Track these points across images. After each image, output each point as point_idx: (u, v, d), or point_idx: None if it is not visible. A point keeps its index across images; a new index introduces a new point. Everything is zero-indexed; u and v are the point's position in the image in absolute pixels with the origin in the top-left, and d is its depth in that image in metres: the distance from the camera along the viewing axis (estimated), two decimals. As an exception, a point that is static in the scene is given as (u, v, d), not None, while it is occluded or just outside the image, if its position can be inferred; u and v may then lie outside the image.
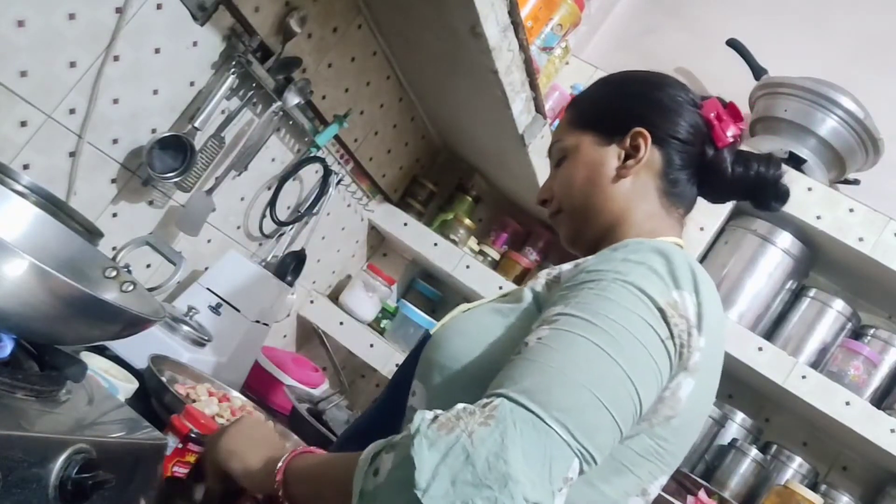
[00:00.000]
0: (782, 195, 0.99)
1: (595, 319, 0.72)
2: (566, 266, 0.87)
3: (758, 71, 2.11)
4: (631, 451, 0.78)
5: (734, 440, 1.91)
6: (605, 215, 0.97)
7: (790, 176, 1.89)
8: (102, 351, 1.23)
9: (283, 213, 1.76)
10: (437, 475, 0.61)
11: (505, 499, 0.60)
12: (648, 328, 0.73)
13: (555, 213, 1.03)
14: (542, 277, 0.88)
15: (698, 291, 0.78)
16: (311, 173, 1.79)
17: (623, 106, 1.00)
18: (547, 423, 0.65)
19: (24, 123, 1.13)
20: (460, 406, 0.67)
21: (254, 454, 0.84)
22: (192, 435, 1.04)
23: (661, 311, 0.74)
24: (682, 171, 0.97)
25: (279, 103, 1.47)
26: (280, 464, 0.80)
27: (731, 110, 0.99)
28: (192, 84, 1.35)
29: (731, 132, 0.97)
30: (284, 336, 2.08)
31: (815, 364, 1.88)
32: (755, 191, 0.99)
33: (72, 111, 1.18)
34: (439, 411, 0.67)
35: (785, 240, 1.94)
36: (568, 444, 0.65)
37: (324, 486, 0.77)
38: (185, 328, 1.41)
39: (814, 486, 1.82)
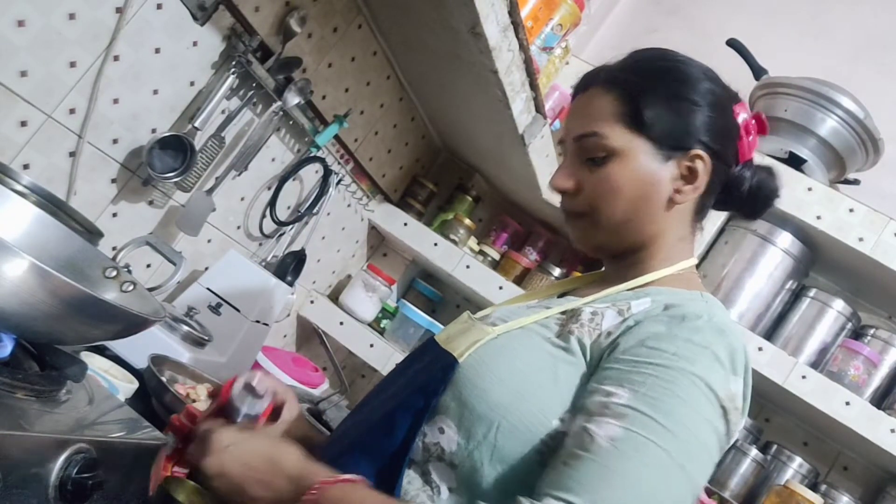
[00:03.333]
0: (769, 206, 0.98)
1: (669, 425, 0.71)
2: (608, 315, 0.82)
3: (758, 71, 2.10)
4: None
5: (734, 440, 1.91)
6: (640, 236, 0.91)
7: (791, 176, 1.90)
8: (102, 351, 1.23)
9: (283, 213, 1.75)
10: None
11: None
12: (714, 432, 0.74)
13: (579, 216, 0.93)
14: (586, 325, 0.82)
15: (746, 373, 0.79)
16: (311, 173, 1.79)
17: (689, 120, 0.89)
18: None
19: (24, 123, 1.13)
20: None
21: (275, 477, 0.79)
22: (192, 435, 1.04)
23: (723, 409, 0.75)
24: (715, 191, 0.93)
25: (279, 103, 1.47)
26: (314, 489, 0.75)
27: (759, 124, 0.94)
28: (192, 84, 1.35)
29: (754, 146, 0.94)
30: (284, 336, 2.08)
31: (815, 364, 1.88)
32: (758, 205, 0.96)
33: (72, 111, 1.18)
34: None
35: (785, 240, 1.94)
36: None
37: None
38: (185, 328, 1.41)
39: (814, 486, 1.82)
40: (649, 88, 0.89)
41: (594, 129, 0.89)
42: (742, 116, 0.92)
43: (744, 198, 0.94)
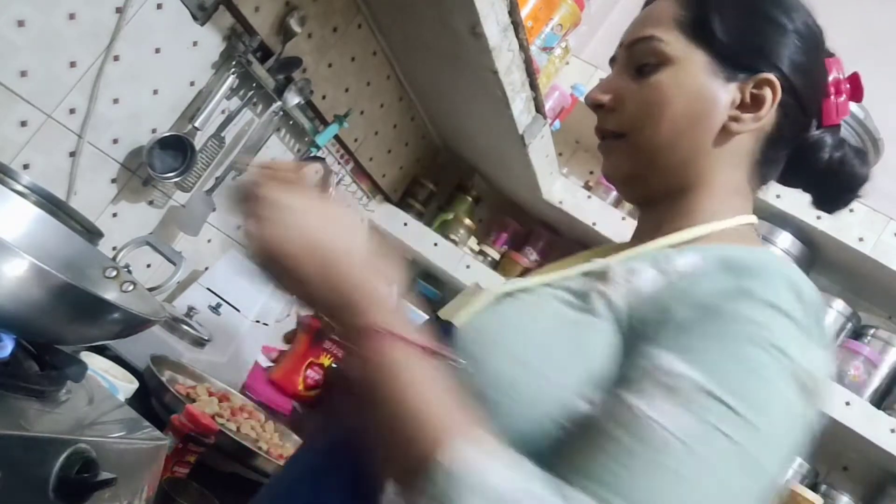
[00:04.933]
0: (852, 199, 0.81)
1: (750, 415, 0.55)
2: (643, 270, 0.64)
3: (758, 71, 2.10)
4: None
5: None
6: (685, 169, 0.74)
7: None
8: (102, 351, 1.23)
9: (283, 213, 1.75)
10: None
11: None
12: (797, 418, 0.59)
13: (615, 136, 0.77)
14: (622, 282, 0.64)
15: (824, 341, 0.62)
16: (311, 173, 1.78)
17: (766, 39, 0.74)
18: None
19: (24, 123, 1.13)
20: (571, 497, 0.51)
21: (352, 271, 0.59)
22: (192, 435, 1.04)
23: (804, 388, 0.59)
24: (786, 145, 0.76)
25: (279, 103, 1.47)
26: (380, 327, 0.57)
27: (854, 84, 0.78)
28: (192, 84, 1.35)
29: (844, 112, 0.77)
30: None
31: (815, 364, 1.88)
32: (836, 187, 0.80)
33: (72, 111, 1.18)
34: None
35: (785, 240, 1.94)
36: None
37: (387, 413, 0.56)
38: (185, 328, 1.41)
39: (814, 486, 1.82)
40: None
41: (650, 33, 0.75)
42: (834, 74, 0.78)
43: (821, 170, 0.78)
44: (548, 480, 0.53)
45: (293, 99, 1.49)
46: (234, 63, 1.36)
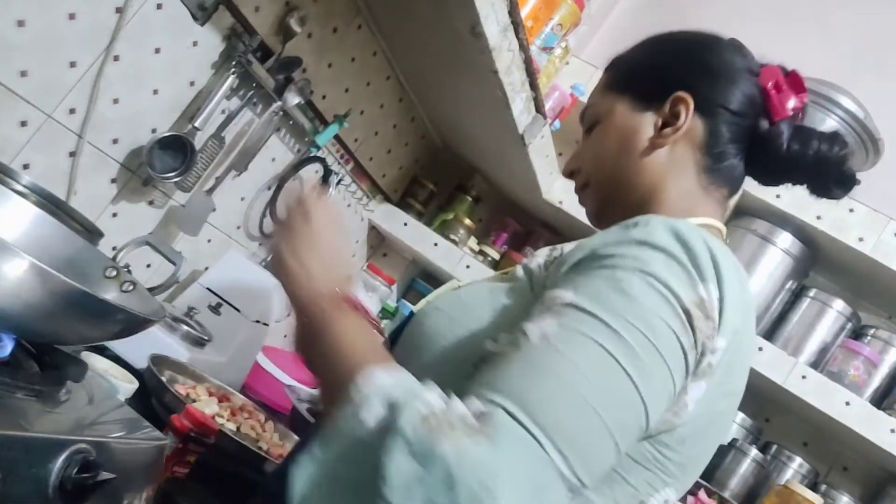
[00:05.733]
0: (847, 179, 0.86)
1: (614, 322, 0.62)
2: (569, 246, 0.75)
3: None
4: (627, 458, 0.69)
5: (734, 440, 1.91)
6: (636, 190, 0.86)
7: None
8: (102, 351, 1.23)
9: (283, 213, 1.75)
10: (410, 495, 0.54)
11: None
12: (672, 336, 0.64)
13: (583, 188, 0.93)
14: (541, 256, 0.78)
15: (720, 281, 0.68)
16: (311, 173, 1.79)
17: (665, 67, 0.89)
18: (547, 452, 0.57)
19: (24, 123, 1.13)
20: (456, 408, 0.59)
21: (316, 262, 0.79)
22: (192, 435, 1.04)
23: (686, 313, 0.65)
24: (729, 146, 0.85)
25: (279, 103, 1.47)
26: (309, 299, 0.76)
27: (793, 79, 0.87)
28: (192, 84, 1.35)
29: (791, 104, 0.85)
30: (284, 336, 2.08)
31: (815, 364, 1.88)
32: (813, 172, 0.86)
33: (72, 111, 1.18)
34: (430, 407, 0.59)
35: (785, 240, 1.94)
36: (565, 478, 0.58)
37: (322, 363, 0.73)
38: (185, 328, 1.41)
39: (814, 486, 1.82)
40: (635, 52, 0.94)
41: (589, 103, 0.94)
42: (771, 79, 0.87)
43: (785, 158, 0.85)
44: (435, 388, 0.63)
45: (293, 99, 1.49)
46: (234, 63, 1.36)
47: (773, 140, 0.85)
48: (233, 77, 1.36)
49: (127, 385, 1.13)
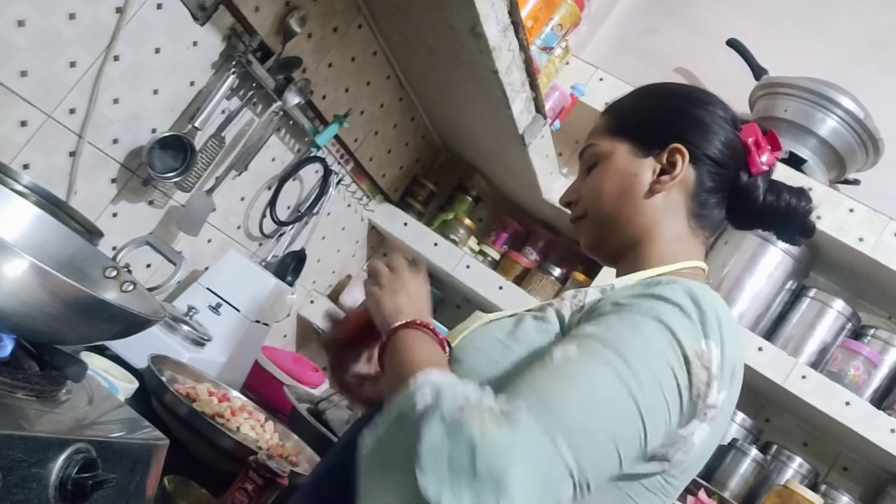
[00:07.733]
0: (808, 230, 0.99)
1: (625, 354, 0.73)
2: (592, 293, 0.87)
3: (758, 71, 2.10)
4: (641, 486, 0.80)
5: (734, 440, 1.91)
6: (632, 229, 0.96)
7: (791, 176, 1.90)
8: (102, 351, 1.23)
9: (283, 213, 1.75)
10: (437, 457, 0.65)
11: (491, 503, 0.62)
12: (671, 375, 0.75)
13: (578, 218, 1.02)
14: (567, 301, 0.88)
15: (723, 342, 0.79)
16: (311, 173, 1.79)
17: (663, 119, 0.98)
18: (558, 447, 0.67)
19: (24, 123, 1.13)
20: (487, 399, 0.70)
21: (405, 302, 0.90)
22: (255, 463, 1.05)
23: (686, 358, 0.76)
24: (712, 194, 0.96)
25: (279, 103, 1.47)
26: (397, 323, 0.86)
27: (771, 138, 0.98)
28: (192, 84, 1.35)
29: (766, 159, 0.96)
30: (284, 336, 2.08)
31: (815, 364, 1.88)
32: (782, 222, 0.98)
33: (72, 111, 1.18)
34: (467, 396, 0.69)
35: (785, 240, 1.94)
36: (571, 472, 0.67)
37: (398, 369, 0.81)
38: (185, 328, 1.41)
39: (814, 486, 1.82)
40: (635, 101, 1.03)
41: (589, 143, 1.02)
42: (752, 136, 0.97)
43: (760, 208, 0.97)
44: (472, 383, 0.73)
45: (293, 99, 1.49)
46: (234, 63, 1.36)
47: (751, 191, 0.97)
48: (233, 77, 1.36)
49: (127, 385, 1.13)
